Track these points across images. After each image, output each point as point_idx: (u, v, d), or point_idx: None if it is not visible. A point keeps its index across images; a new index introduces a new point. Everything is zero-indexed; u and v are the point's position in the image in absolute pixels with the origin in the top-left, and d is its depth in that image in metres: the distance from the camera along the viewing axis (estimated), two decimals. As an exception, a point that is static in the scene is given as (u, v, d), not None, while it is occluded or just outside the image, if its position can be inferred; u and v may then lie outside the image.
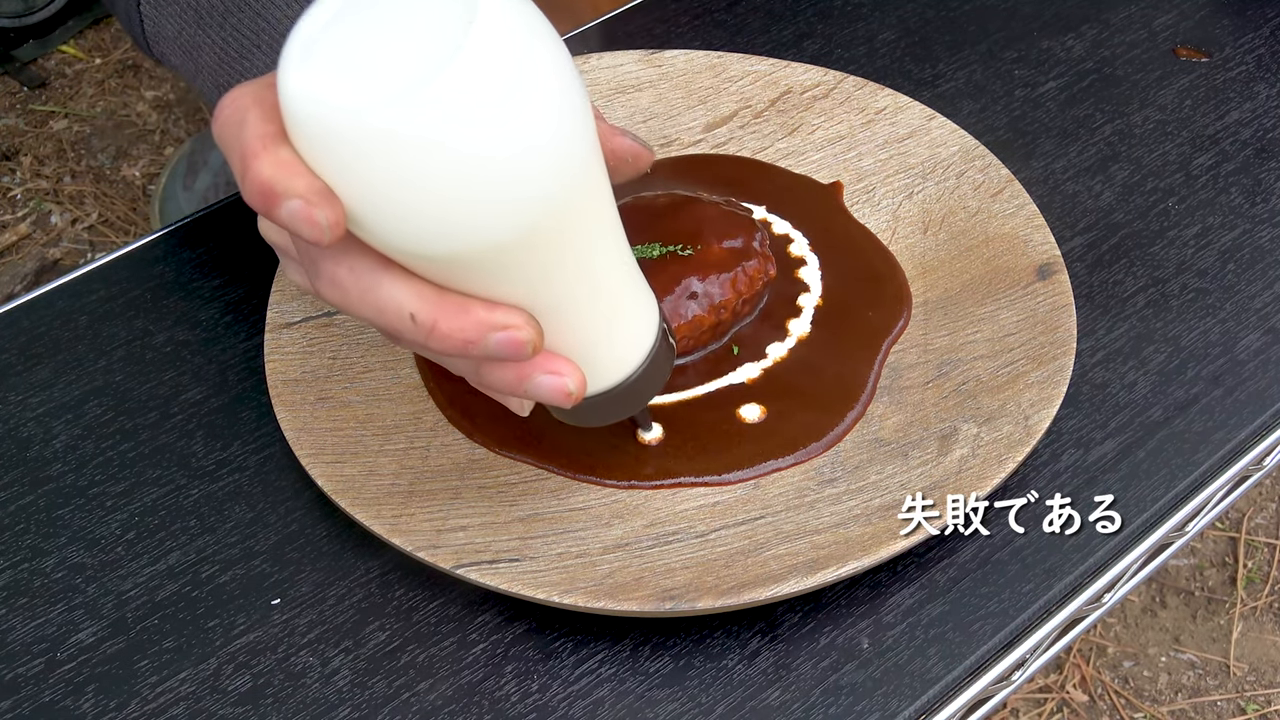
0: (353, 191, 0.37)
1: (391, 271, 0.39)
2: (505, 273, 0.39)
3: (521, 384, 0.43)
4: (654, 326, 0.46)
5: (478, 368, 0.43)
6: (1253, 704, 1.23)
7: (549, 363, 0.42)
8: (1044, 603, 0.51)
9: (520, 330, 0.40)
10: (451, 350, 0.41)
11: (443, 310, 0.40)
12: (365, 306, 0.40)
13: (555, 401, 0.43)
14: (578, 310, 0.43)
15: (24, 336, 0.61)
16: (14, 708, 0.48)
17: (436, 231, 0.37)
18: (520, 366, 0.42)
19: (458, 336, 0.40)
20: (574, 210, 0.40)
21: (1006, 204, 0.61)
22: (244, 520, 0.53)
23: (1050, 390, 0.53)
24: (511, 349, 0.40)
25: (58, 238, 1.57)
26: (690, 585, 0.48)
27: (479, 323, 0.40)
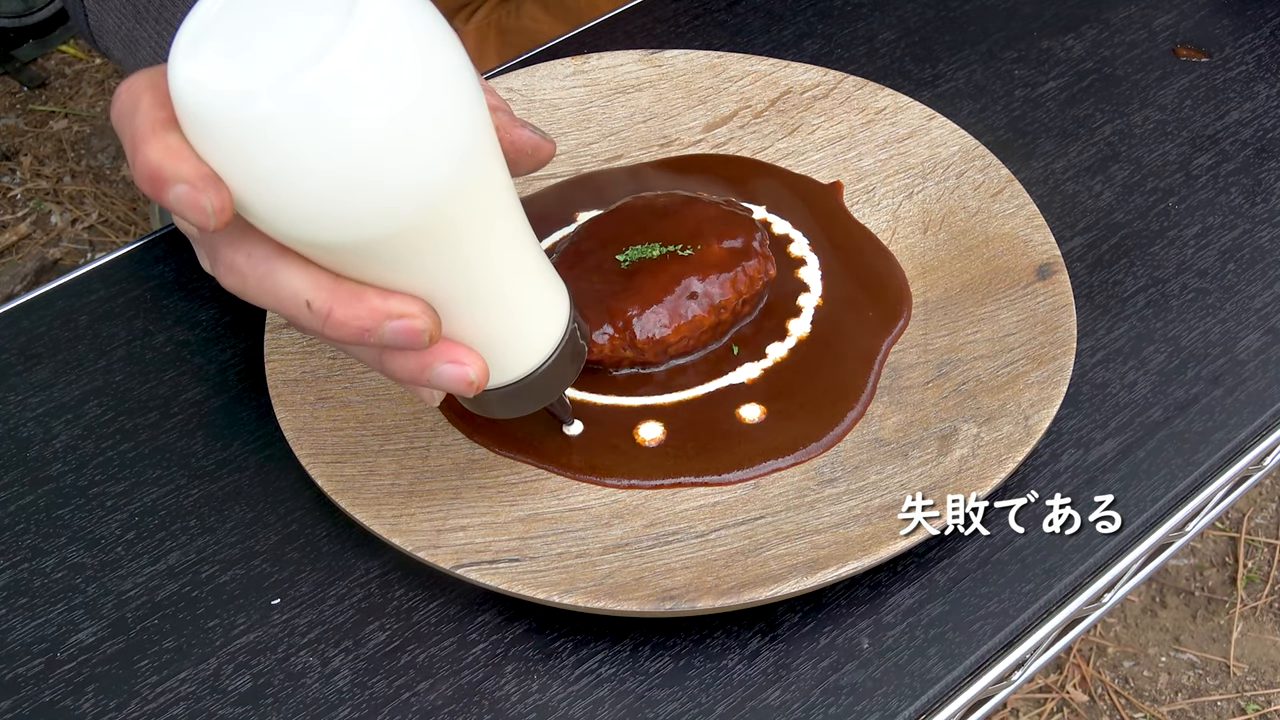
0: (237, 178, 0.37)
1: (287, 258, 0.40)
2: (399, 262, 0.40)
3: (423, 373, 0.43)
4: (563, 322, 0.47)
5: (380, 357, 0.43)
6: (1253, 704, 1.23)
7: (450, 352, 0.42)
8: (1044, 603, 0.51)
9: (416, 319, 0.40)
10: (348, 338, 0.41)
11: (338, 298, 0.40)
12: (263, 293, 0.40)
13: (457, 390, 0.43)
14: (478, 302, 0.43)
15: (24, 336, 0.61)
16: (14, 708, 0.48)
17: (320, 220, 0.38)
18: (421, 355, 0.42)
19: (353, 324, 0.40)
20: (463, 201, 0.40)
21: (1006, 204, 0.61)
22: (244, 520, 0.53)
23: (1050, 390, 0.53)
24: (407, 337, 0.41)
25: (58, 238, 1.57)
26: (690, 585, 0.48)
27: (374, 311, 0.40)
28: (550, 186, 0.65)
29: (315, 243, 0.39)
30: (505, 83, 0.68)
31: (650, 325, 0.55)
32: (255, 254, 0.40)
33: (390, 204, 0.38)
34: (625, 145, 0.67)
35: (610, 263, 0.57)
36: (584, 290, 0.56)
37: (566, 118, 0.67)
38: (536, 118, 0.67)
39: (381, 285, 0.40)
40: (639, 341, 0.55)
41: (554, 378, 0.47)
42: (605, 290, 0.56)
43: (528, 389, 0.47)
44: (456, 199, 0.39)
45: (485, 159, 0.41)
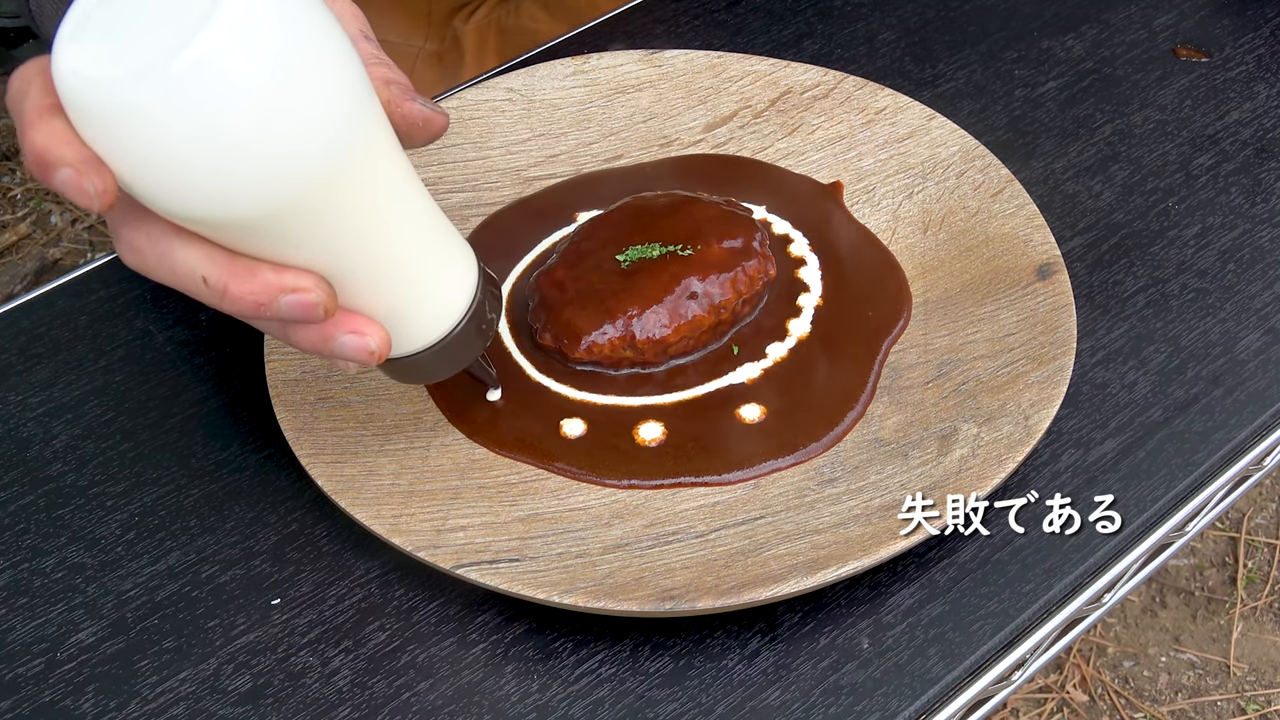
0: (117, 160, 0.39)
1: (184, 236, 0.41)
2: (287, 237, 0.41)
3: (326, 344, 0.44)
4: (469, 288, 0.48)
5: (284, 330, 0.44)
6: (1253, 704, 1.23)
7: (350, 322, 0.44)
8: (1044, 603, 0.51)
9: (309, 293, 0.41)
10: (245, 312, 0.42)
11: (233, 274, 0.41)
12: (162, 270, 0.42)
13: (359, 360, 0.44)
14: (373, 274, 0.44)
15: (24, 336, 0.61)
16: (14, 708, 0.48)
17: (198, 199, 0.39)
18: (322, 327, 0.43)
19: (249, 299, 0.41)
20: (346, 177, 0.41)
21: (1006, 204, 0.61)
22: (244, 520, 0.53)
23: (1050, 390, 0.53)
24: (302, 311, 0.42)
25: (58, 238, 1.57)
26: (690, 585, 0.48)
27: (268, 285, 0.41)
28: (550, 186, 0.65)
29: (199, 220, 0.40)
30: (505, 83, 0.68)
31: (650, 325, 0.55)
32: (153, 233, 0.41)
33: (262, 183, 0.39)
34: (625, 145, 0.67)
35: (610, 263, 0.57)
36: (584, 290, 0.56)
37: (566, 118, 0.67)
38: (536, 118, 0.67)
39: (275, 260, 0.42)
40: (639, 341, 0.55)
41: (461, 346, 0.48)
42: (605, 290, 0.56)
43: (435, 358, 0.48)
44: (332, 175, 0.40)
45: (362, 135, 0.42)
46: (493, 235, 0.63)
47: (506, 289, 0.60)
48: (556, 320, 0.56)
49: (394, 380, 0.51)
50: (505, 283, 0.61)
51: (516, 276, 0.61)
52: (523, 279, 0.61)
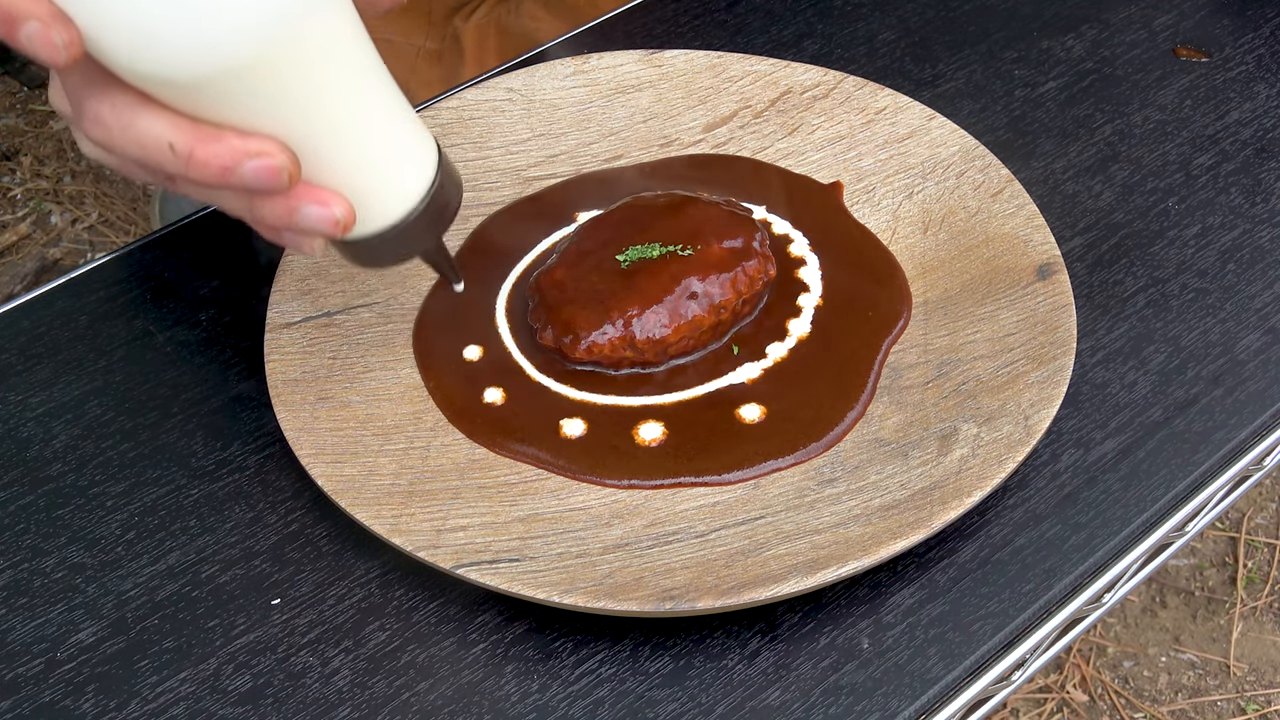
0: (84, 17, 0.39)
1: (149, 106, 0.42)
2: (252, 102, 0.42)
3: (290, 216, 0.44)
4: (429, 168, 0.48)
5: (250, 204, 0.44)
6: (1253, 704, 1.23)
7: (314, 194, 0.44)
8: (1044, 603, 0.51)
9: (273, 157, 0.42)
10: (210, 178, 0.42)
11: (199, 139, 0.42)
12: (127, 142, 0.42)
13: (325, 231, 0.45)
14: (336, 145, 0.44)
15: (24, 336, 0.61)
16: (14, 708, 0.48)
17: (166, 53, 0.40)
18: (287, 198, 0.44)
19: (214, 164, 0.42)
20: (309, 36, 0.41)
21: (1006, 204, 0.61)
22: (244, 520, 0.53)
23: (1050, 390, 0.53)
24: (266, 176, 0.42)
25: (58, 238, 1.57)
26: (690, 585, 0.48)
27: (233, 150, 0.42)
28: (550, 186, 0.65)
29: (165, 80, 0.41)
30: (505, 82, 0.68)
31: (650, 325, 0.55)
32: (118, 104, 0.42)
33: (228, 36, 0.40)
34: (625, 145, 0.67)
35: (610, 263, 0.57)
36: (584, 290, 0.56)
37: (566, 118, 0.67)
38: (536, 118, 0.67)
39: (239, 128, 0.42)
40: (639, 341, 0.55)
41: (421, 228, 0.48)
42: (605, 290, 0.56)
43: (395, 240, 0.48)
44: (295, 32, 0.41)
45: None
46: (493, 235, 0.63)
47: (506, 289, 0.60)
48: (556, 320, 0.56)
49: (354, 265, 0.51)
50: (505, 282, 0.61)
51: (516, 276, 0.61)
52: (523, 279, 0.61)
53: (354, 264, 0.50)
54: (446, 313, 0.59)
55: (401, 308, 0.59)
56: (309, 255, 0.49)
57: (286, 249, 0.60)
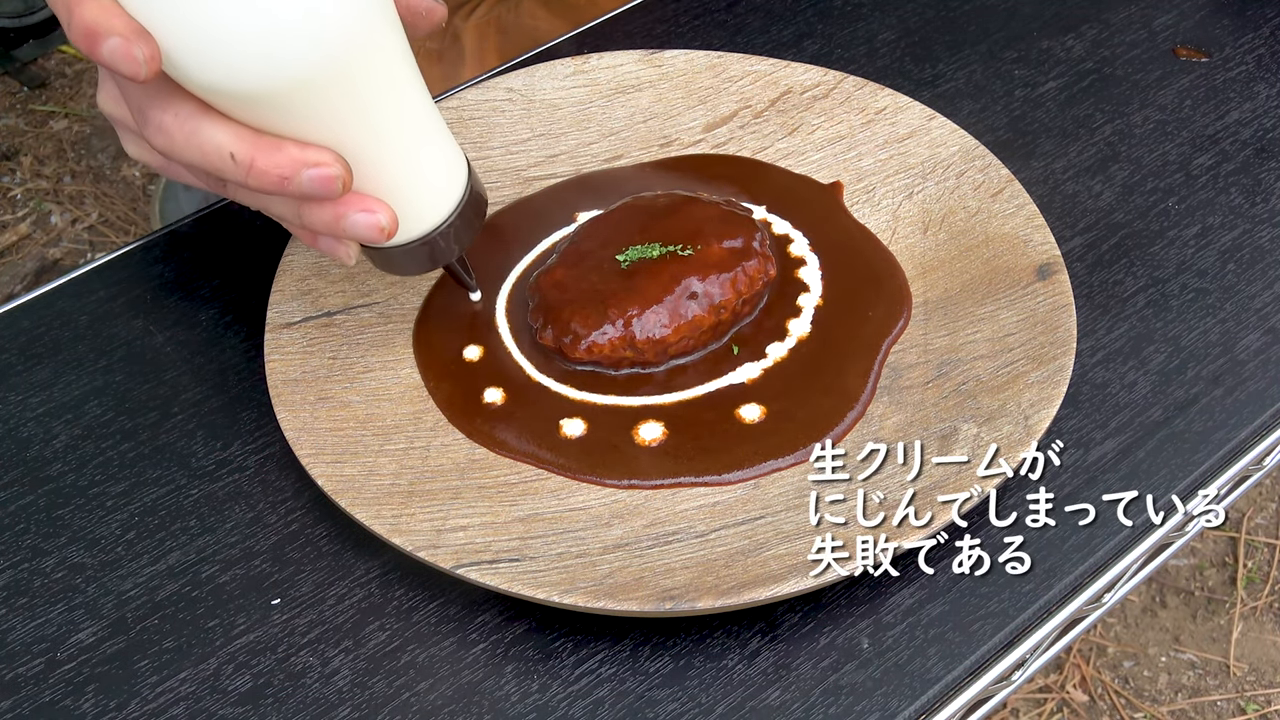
0: (162, 30, 0.42)
1: (212, 116, 0.44)
2: (311, 114, 0.44)
3: (338, 222, 0.47)
4: (462, 180, 0.52)
5: (299, 210, 0.47)
6: (1253, 704, 1.23)
7: (362, 201, 0.47)
8: (1044, 603, 0.51)
9: (330, 167, 0.45)
10: (269, 186, 0.45)
11: (259, 149, 0.44)
12: (190, 149, 0.44)
13: (370, 238, 0.47)
14: (382, 156, 0.47)
15: (24, 336, 0.61)
16: (14, 708, 0.48)
17: (238, 68, 0.42)
18: (336, 206, 0.46)
19: (274, 173, 0.44)
20: (370, 55, 0.45)
21: (1006, 204, 0.61)
22: (244, 520, 0.53)
23: (1050, 390, 0.53)
24: (322, 184, 0.45)
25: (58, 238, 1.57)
26: (690, 585, 0.48)
27: (293, 160, 0.44)
28: (550, 186, 0.65)
29: (235, 92, 0.43)
30: (505, 82, 0.68)
31: (650, 325, 0.55)
32: (182, 113, 0.44)
33: (297, 55, 0.43)
34: (625, 145, 0.67)
35: (610, 263, 0.57)
36: (584, 290, 0.56)
37: (566, 118, 0.67)
38: (536, 118, 0.67)
39: (297, 138, 0.45)
40: (639, 341, 0.55)
41: (459, 232, 0.52)
42: (605, 290, 0.56)
43: (428, 247, 0.52)
44: (359, 51, 0.44)
45: (387, 15, 0.46)
46: (493, 235, 0.63)
47: (506, 289, 0.60)
48: (556, 320, 0.56)
49: (380, 270, 0.54)
50: (505, 282, 0.61)
51: (516, 276, 0.61)
52: (523, 279, 0.61)
53: (384, 270, 0.54)
54: (446, 313, 0.59)
55: (401, 308, 0.59)
56: (344, 263, 0.51)
57: (288, 249, 0.60)
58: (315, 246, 0.50)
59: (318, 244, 0.50)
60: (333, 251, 0.50)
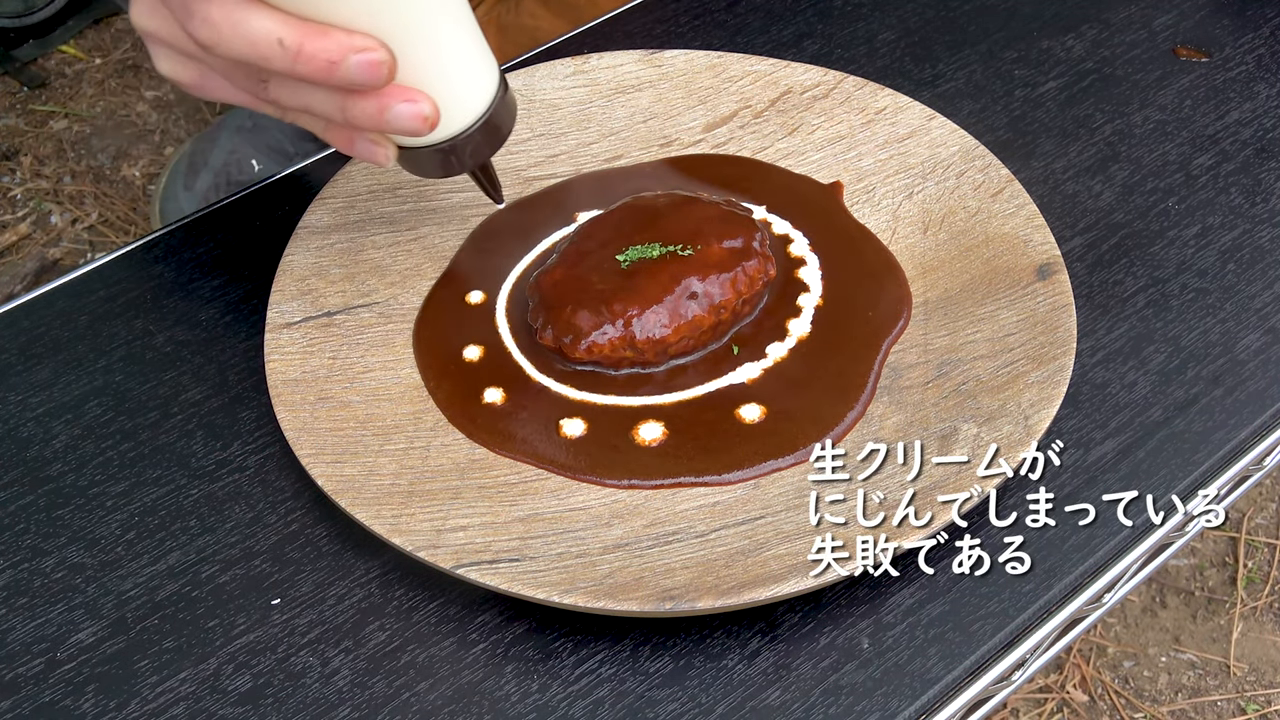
0: None
1: (257, 5, 0.45)
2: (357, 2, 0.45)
3: (382, 114, 0.47)
4: (494, 82, 0.52)
5: (343, 104, 0.47)
6: (1253, 704, 1.23)
7: (405, 92, 0.47)
8: (1044, 603, 0.51)
9: (376, 51, 0.45)
10: (316, 72, 0.45)
11: (307, 34, 0.45)
12: (236, 39, 0.45)
13: (414, 129, 0.48)
14: (425, 47, 0.48)
15: (24, 336, 0.61)
16: (14, 708, 0.48)
17: None
18: (380, 97, 0.47)
19: (321, 58, 0.45)
20: None
21: (1006, 204, 0.61)
22: (244, 520, 0.53)
23: (1050, 390, 0.53)
24: (369, 70, 0.45)
25: (58, 238, 1.57)
26: (690, 585, 0.48)
27: (340, 45, 0.45)
28: (550, 186, 0.65)
29: None
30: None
31: (650, 325, 0.55)
32: (228, 4, 0.45)
33: None
34: (625, 145, 0.67)
35: (610, 263, 0.57)
36: (584, 290, 0.56)
37: (566, 118, 0.67)
38: (536, 118, 0.67)
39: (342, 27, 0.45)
40: (639, 341, 0.55)
41: (482, 140, 0.53)
42: (605, 290, 0.56)
43: (469, 141, 0.52)
44: None
45: None
46: (493, 235, 0.63)
47: (506, 289, 0.60)
48: (556, 320, 0.56)
49: (410, 173, 0.55)
50: (505, 282, 0.61)
51: (516, 276, 0.61)
52: (523, 279, 0.61)
53: (414, 172, 0.54)
54: (446, 313, 0.59)
55: (401, 308, 0.59)
56: (381, 165, 0.52)
57: (288, 249, 0.60)
58: (352, 151, 0.50)
59: (354, 148, 0.50)
60: (370, 154, 0.50)
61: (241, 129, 1.24)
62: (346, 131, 0.50)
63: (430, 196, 0.64)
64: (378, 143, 0.50)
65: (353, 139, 0.50)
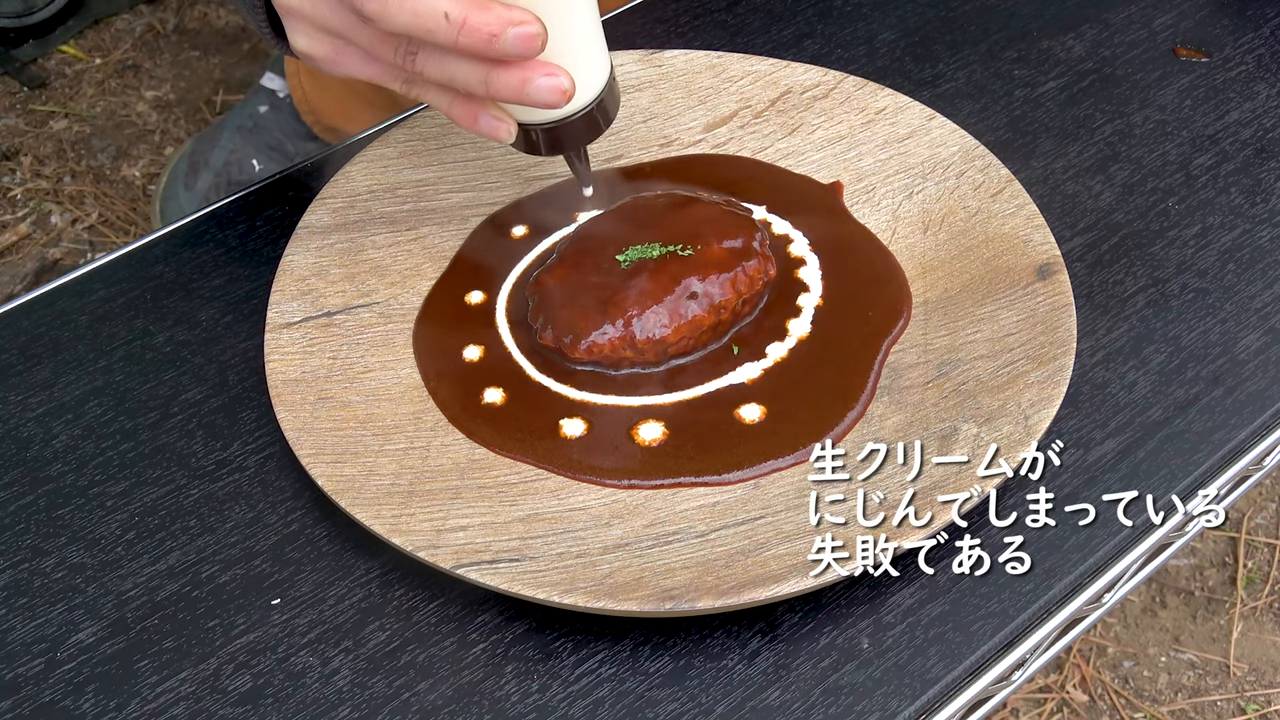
0: None
1: None
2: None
3: (525, 86, 0.50)
4: (607, 69, 0.56)
5: (487, 75, 0.50)
6: (1253, 704, 1.23)
7: (546, 66, 0.50)
8: (1044, 603, 0.51)
9: (533, 25, 0.48)
10: (477, 44, 0.48)
11: (470, 8, 0.48)
12: (404, 12, 0.48)
13: (552, 100, 0.51)
14: (564, 26, 0.51)
15: (24, 336, 0.61)
16: (14, 708, 0.48)
17: None
18: (524, 69, 0.50)
19: (483, 30, 0.48)
20: None
21: (1006, 204, 0.61)
22: (244, 520, 0.53)
23: (1050, 390, 0.53)
24: (525, 42, 0.48)
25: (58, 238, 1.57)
26: (690, 585, 0.48)
27: (500, 18, 0.48)
28: (550, 186, 0.65)
29: None
30: (505, 83, 0.68)
31: (650, 325, 0.55)
32: None
33: None
34: (625, 145, 0.67)
35: (610, 263, 0.57)
36: (584, 290, 0.56)
37: (566, 118, 0.67)
38: (536, 118, 0.67)
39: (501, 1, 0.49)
40: (639, 341, 0.55)
41: (592, 123, 0.56)
42: (605, 290, 0.56)
43: (579, 124, 0.55)
44: None
45: None
46: (493, 235, 0.63)
47: (506, 289, 0.60)
48: (556, 320, 0.56)
49: (517, 150, 0.57)
50: (505, 282, 0.61)
51: (516, 276, 0.61)
52: (523, 279, 0.61)
53: (521, 149, 0.57)
54: (446, 313, 0.59)
55: (401, 308, 0.59)
56: (502, 141, 0.54)
57: (288, 249, 0.60)
58: (475, 126, 0.53)
59: (478, 123, 0.53)
60: (493, 129, 0.53)
61: (241, 129, 1.24)
62: (472, 107, 0.53)
63: (430, 196, 0.64)
64: (500, 119, 0.53)
65: (477, 115, 0.53)
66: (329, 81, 1.08)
